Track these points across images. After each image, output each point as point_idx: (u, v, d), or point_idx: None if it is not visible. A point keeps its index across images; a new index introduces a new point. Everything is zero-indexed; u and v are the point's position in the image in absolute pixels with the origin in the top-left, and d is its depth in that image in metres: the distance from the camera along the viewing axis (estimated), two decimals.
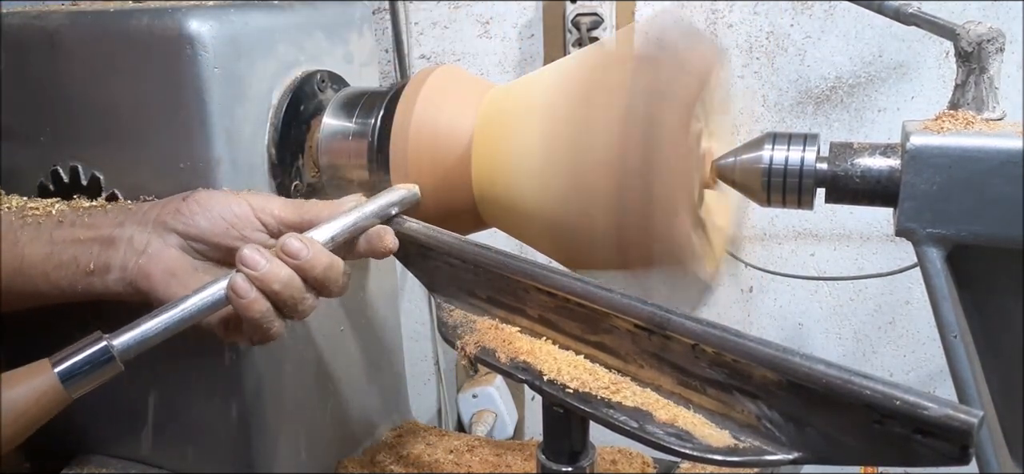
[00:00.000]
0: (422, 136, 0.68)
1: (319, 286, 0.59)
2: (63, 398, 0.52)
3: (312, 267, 0.58)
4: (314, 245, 0.58)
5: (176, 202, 0.63)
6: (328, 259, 0.59)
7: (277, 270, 0.57)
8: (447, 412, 1.67)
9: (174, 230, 0.61)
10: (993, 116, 0.59)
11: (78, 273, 0.62)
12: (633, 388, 0.52)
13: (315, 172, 0.76)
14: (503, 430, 1.50)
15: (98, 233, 0.62)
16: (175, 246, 0.61)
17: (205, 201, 0.62)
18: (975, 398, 0.57)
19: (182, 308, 0.55)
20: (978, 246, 0.56)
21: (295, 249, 0.57)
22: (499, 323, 0.60)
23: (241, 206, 0.62)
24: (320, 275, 0.58)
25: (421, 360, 1.66)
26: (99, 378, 0.53)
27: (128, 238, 0.61)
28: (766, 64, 1.33)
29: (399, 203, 0.66)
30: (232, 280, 0.56)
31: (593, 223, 0.60)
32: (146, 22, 0.67)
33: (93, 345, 0.52)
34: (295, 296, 0.58)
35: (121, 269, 0.61)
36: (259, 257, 0.56)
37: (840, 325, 1.42)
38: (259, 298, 0.56)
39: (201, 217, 0.61)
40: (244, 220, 0.62)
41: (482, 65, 1.47)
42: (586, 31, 1.30)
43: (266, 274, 0.56)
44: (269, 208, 0.63)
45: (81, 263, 0.62)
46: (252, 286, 0.56)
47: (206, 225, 0.61)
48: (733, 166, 0.62)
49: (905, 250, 1.16)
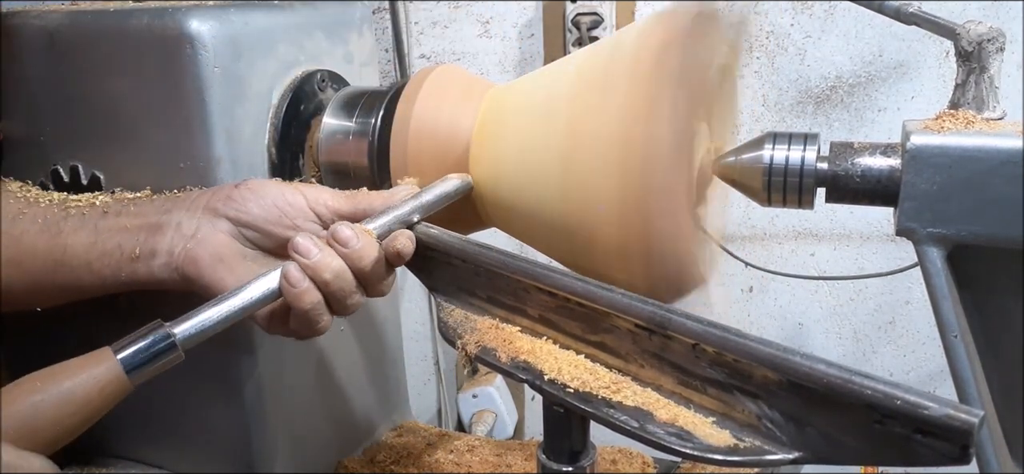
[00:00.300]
0: (422, 135, 0.68)
1: (366, 280, 0.59)
2: (126, 386, 0.51)
3: (360, 258, 0.57)
4: (365, 235, 0.58)
5: (227, 189, 0.62)
6: (378, 252, 0.58)
7: (329, 260, 0.56)
8: (447, 412, 1.67)
9: (225, 216, 0.60)
10: (993, 116, 0.59)
11: (123, 260, 0.61)
12: (634, 388, 0.52)
13: (315, 172, 0.76)
14: (503, 430, 1.50)
15: (144, 220, 0.62)
16: (225, 232, 0.60)
17: (258, 188, 0.61)
18: (975, 398, 0.57)
19: (241, 296, 0.55)
20: (978, 246, 0.56)
21: (346, 237, 0.57)
22: (499, 323, 0.60)
23: (295, 196, 0.61)
24: (368, 268, 0.58)
25: (421, 360, 1.66)
26: (161, 366, 0.52)
27: (176, 224, 0.61)
28: (766, 64, 1.33)
29: (453, 194, 0.64)
30: (285, 268, 0.56)
31: (593, 223, 0.60)
32: (146, 22, 0.67)
33: (154, 331, 0.52)
34: (345, 289, 0.57)
35: (168, 254, 0.60)
36: (312, 245, 0.56)
37: (840, 325, 1.42)
38: (311, 288, 0.56)
39: (254, 204, 0.60)
40: (297, 209, 0.61)
41: (482, 65, 1.47)
42: (586, 31, 1.30)
43: (318, 263, 0.56)
44: (322, 198, 0.62)
45: (126, 250, 0.61)
46: (305, 275, 0.56)
47: (259, 212, 0.60)
48: (733, 166, 0.62)
49: (905, 250, 1.16)
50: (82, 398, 0.49)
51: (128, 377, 0.51)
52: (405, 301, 1.60)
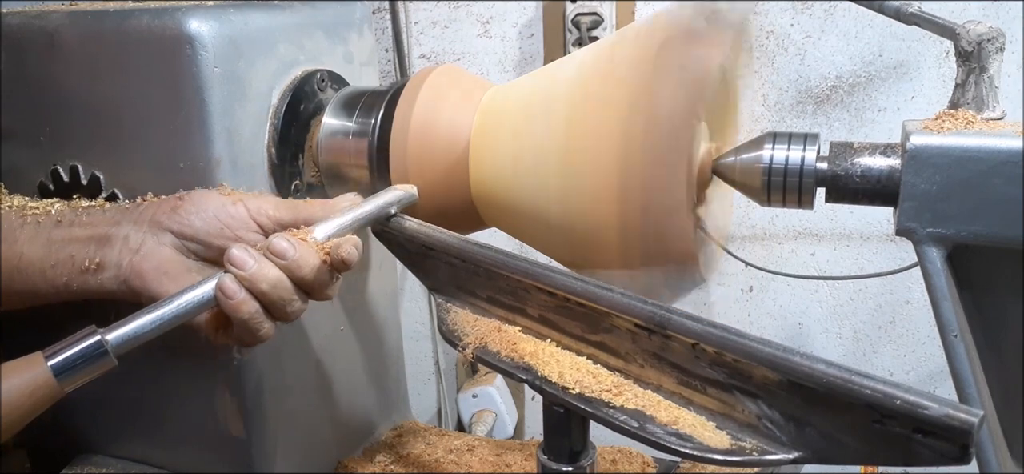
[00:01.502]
0: (422, 135, 0.68)
1: (308, 288, 0.59)
2: (56, 392, 0.51)
3: (299, 267, 0.57)
4: (302, 245, 0.58)
5: (172, 201, 0.63)
6: (317, 260, 0.58)
7: (266, 271, 0.56)
8: (447, 412, 1.67)
9: (169, 229, 0.61)
10: (993, 116, 0.59)
11: (74, 271, 0.62)
12: (635, 390, 0.52)
13: (315, 172, 0.76)
14: (503, 430, 1.50)
15: (95, 232, 0.63)
16: (169, 245, 0.61)
17: (200, 201, 0.62)
18: (975, 398, 0.57)
19: (175, 304, 0.55)
20: (978, 246, 0.56)
21: (281, 249, 0.57)
22: (501, 324, 0.60)
23: (237, 207, 0.62)
24: (309, 276, 0.58)
25: (421, 360, 1.66)
26: (92, 372, 0.52)
27: (124, 237, 0.62)
28: (766, 64, 1.33)
29: (395, 203, 0.65)
30: (220, 280, 0.56)
31: (593, 223, 0.60)
32: (146, 22, 0.67)
33: (86, 338, 0.52)
34: (284, 297, 0.57)
35: (115, 267, 0.61)
36: (247, 257, 0.56)
37: (840, 325, 1.42)
38: (248, 299, 0.56)
39: (195, 216, 0.61)
40: (239, 221, 0.62)
41: (482, 65, 1.47)
42: (586, 31, 1.30)
43: (254, 274, 0.56)
44: (264, 209, 0.62)
45: (77, 261, 0.62)
46: (240, 286, 0.56)
47: (200, 224, 0.61)
48: (733, 165, 0.62)
49: (905, 250, 1.15)
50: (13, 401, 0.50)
51: (58, 382, 0.51)
52: (405, 301, 1.60)
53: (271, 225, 0.62)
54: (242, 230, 0.62)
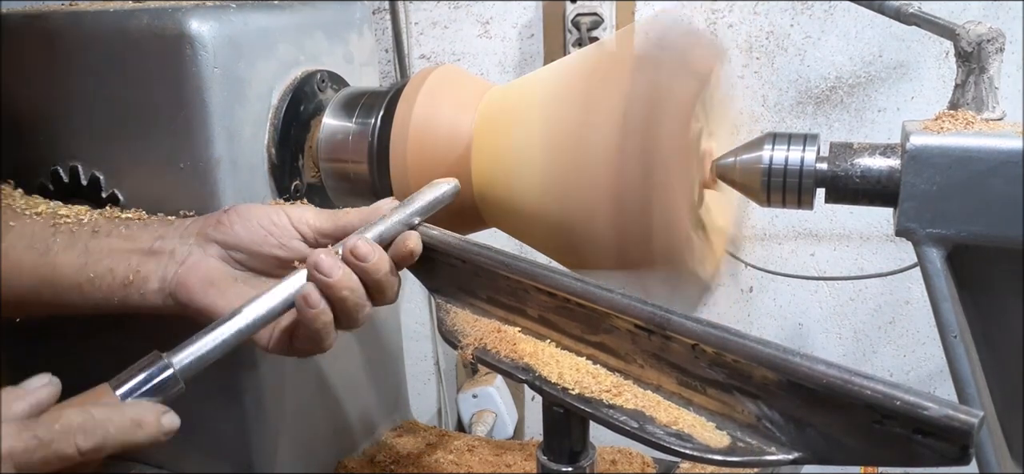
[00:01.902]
0: (422, 136, 0.68)
1: (379, 293, 0.59)
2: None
3: (377, 270, 0.58)
4: (379, 249, 0.58)
5: (217, 215, 0.63)
6: (390, 264, 0.59)
7: (349, 279, 0.57)
8: (447, 412, 1.67)
9: (214, 240, 0.61)
10: (993, 116, 0.59)
11: (115, 285, 0.61)
12: (635, 391, 0.52)
13: (315, 172, 0.76)
14: (503, 430, 1.50)
15: (137, 245, 0.62)
16: (215, 256, 0.61)
17: (244, 212, 0.62)
18: (975, 398, 0.57)
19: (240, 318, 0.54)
20: (978, 246, 0.56)
21: (364, 252, 0.57)
22: (501, 325, 0.60)
23: (279, 216, 0.62)
24: (383, 280, 0.58)
25: (421, 360, 1.66)
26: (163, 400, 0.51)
27: (170, 251, 0.61)
28: (766, 64, 1.33)
29: (442, 200, 0.64)
30: (305, 290, 0.56)
31: (593, 223, 0.60)
32: (146, 22, 0.67)
33: (153, 365, 0.51)
34: (359, 303, 0.58)
35: (161, 280, 0.61)
36: (334, 264, 0.56)
37: (840, 325, 1.42)
38: (327, 308, 0.57)
39: (240, 227, 0.61)
40: (282, 229, 0.62)
41: (482, 65, 1.47)
42: (586, 31, 1.30)
43: (338, 281, 0.56)
44: (305, 217, 0.63)
45: (118, 274, 0.61)
46: (322, 296, 0.56)
47: (244, 234, 0.61)
48: (733, 166, 0.62)
49: (905, 250, 1.15)
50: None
51: None
52: (405, 301, 1.60)
53: (311, 234, 0.62)
54: (285, 238, 0.62)
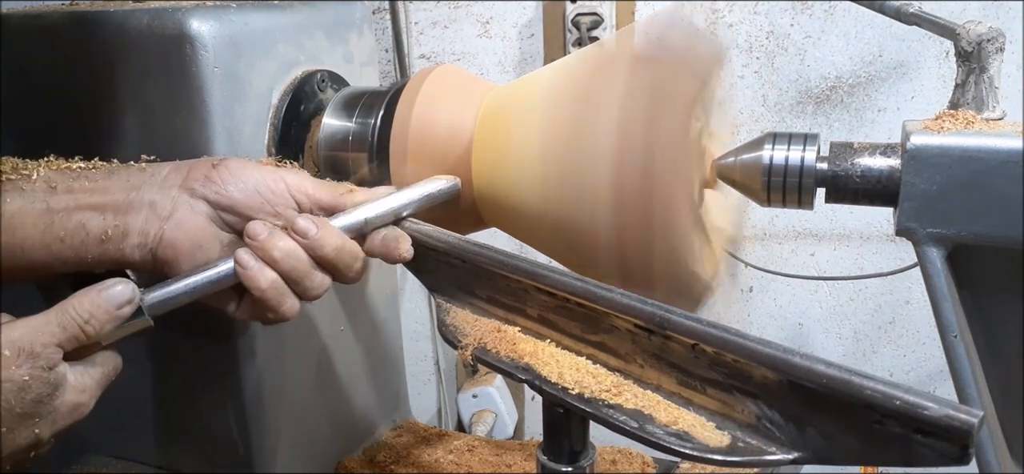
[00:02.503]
0: (421, 136, 0.68)
1: (330, 267, 0.59)
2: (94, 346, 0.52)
3: (321, 246, 0.57)
4: (325, 226, 0.58)
5: (204, 168, 0.59)
6: (338, 241, 0.58)
7: (276, 241, 0.56)
8: (447, 412, 1.67)
9: (204, 197, 0.58)
10: (993, 116, 0.59)
11: (89, 241, 0.57)
12: (635, 390, 0.52)
13: (315, 172, 0.75)
14: (503, 430, 1.50)
15: (109, 198, 0.58)
16: (203, 214, 0.58)
17: (238, 171, 0.59)
18: (975, 398, 0.57)
19: (207, 274, 0.56)
20: (978, 246, 0.56)
21: (302, 228, 0.57)
22: (501, 324, 0.60)
23: (277, 182, 0.60)
24: (330, 255, 0.58)
25: (421, 360, 1.66)
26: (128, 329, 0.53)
27: (149, 203, 0.58)
28: (766, 64, 1.33)
29: (437, 196, 0.64)
30: (236, 252, 0.57)
31: (593, 223, 0.60)
32: (146, 22, 0.67)
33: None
34: (299, 269, 0.57)
35: (141, 235, 0.57)
36: (260, 228, 0.57)
37: (840, 325, 1.42)
38: (261, 269, 0.56)
39: (234, 187, 0.59)
40: (279, 196, 0.60)
41: (482, 65, 1.47)
42: (586, 31, 1.30)
43: (265, 243, 0.56)
44: (303, 187, 0.61)
45: (91, 230, 0.57)
46: (254, 257, 0.56)
47: (240, 196, 0.59)
48: (733, 166, 0.62)
49: (905, 250, 1.15)
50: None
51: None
52: (405, 301, 1.60)
53: (309, 204, 0.61)
54: (281, 206, 0.60)
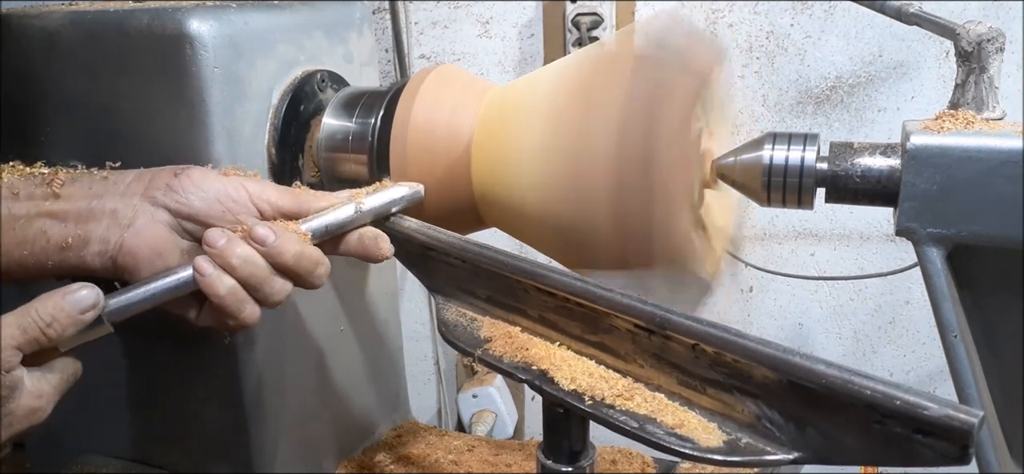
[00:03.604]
0: (421, 136, 0.68)
1: (290, 274, 0.58)
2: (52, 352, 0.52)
3: (280, 253, 0.57)
4: (283, 233, 0.58)
5: (166, 177, 0.60)
6: (297, 247, 0.58)
7: (235, 248, 0.56)
8: (447, 412, 1.67)
9: (165, 206, 0.59)
10: (993, 116, 0.59)
11: (49, 248, 0.58)
12: (645, 394, 0.52)
13: (315, 172, 0.76)
14: (503, 430, 1.50)
15: (70, 205, 0.58)
16: (164, 223, 0.59)
17: (200, 180, 0.60)
18: (975, 398, 0.57)
19: (168, 280, 0.56)
20: (978, 246, 0.56)
21: (261, 235, 0.57)
22: (510, 329, 0.59)
23: (238, 191, 0.60)
24: (289, 262, 0.58)
25: (421, 360, 1.66)
26: (88, 335, 0.53)
27: (111, 211, 0.58)
28: (766, 64, 1.33)
29: (398, 202, 0.65)
30: (195, 259, 0.56)
31: (593, 223, 0.60)
32: (146, 22, 0.67)
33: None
34: (257, 275, 0.57)
35: (102, 242, 0.58)
36: (219, 236, 0.57)
37: (840, 325, 1.42)
38: (219, 276, 0.56)
39: (195, 196, 0.59)
40: (240, 205, 0.60)
41: (482, 65, 1.47)
42: (586, 31, 1.30)
43: (223, 250, 0.56)
44: (265, 195, 0.61)
45: (53, 238, 0.57)
46: (212, 264, 0.56)
47: (201, 206, 0.59)
48: (733, 166, 0.62)
49: (905, 250, 1.15)
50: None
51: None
52: (405, 301, 1.60)
53: (272, 212, 0.61)
54: (243, 214, 0.60)
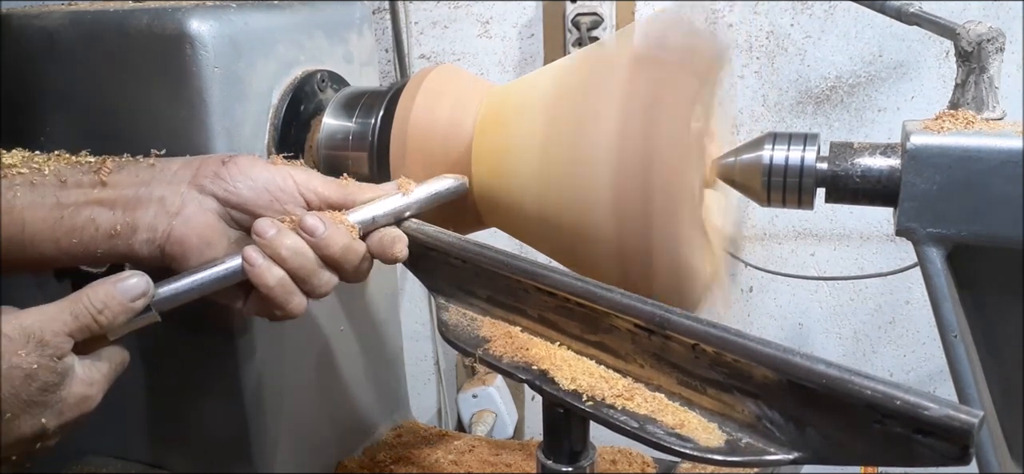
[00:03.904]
0: (421, 136, 0.68)
1: (336, 266, 0.59)
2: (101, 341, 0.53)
3: (327, 245, 0.58)
4: (332, 224, 0.58)
5: (214, 164, 0.60)
6: (346, 240, 0.58)
7: (284, 239, 0.57)
8: (447, 412, 1.67)
9: (213, 194, 0.59)
10: (993, 116, 0.59)
11: (98, 236, 0.58)
12: (645, 395, 0.52)
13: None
14: (503, 430, 1.50)
15: (118, 193, 0.58)
16: (212, 211, 0.59)
17: (248, 169, 0.59)
18: (975, 398, 0.57)
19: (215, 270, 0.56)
20: (978, 246, 0.56)
21: (310, 226, 0.57)
22: (510, 328, 0.59)
23: (285, 180, 0.60)
24: (337, 255, 0.58)
25: (421, 360, 1.66)
26: (137, 323, 0.53)
27: (159, 198, 0.58)
28: (766, 64, 1.33)
29: (445, 194, 0.65)
30: (244, 249, 0.57)
31: (593, 223, 0.60)
32: (146, 22, 0.67)
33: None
34: (306, 267, 0.57)
35: (150, 230, 0.58)
36: (268, 226, 0.57)
37: (840, 325, 1.42)
38: (269, 267, 0.56)
39: (243, 185, 0.59)
40: (288, 194, 0.60)
41: (482, 65, 1.47)
42: (586, 31, 1.30)
43: (272, 241, 0.56)
44: (312, 185, 0.61)
45: (101, 226, 0.58)
46: (262, 254, 0.56)
47: (249, 195, 0.59)
48: (733, 166, 0.62)
49: (905, 250, 1.15)
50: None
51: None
52: (405, 301, 1.60)
53: (318, 201, 0.61)
54: (290, 204, 0.60)
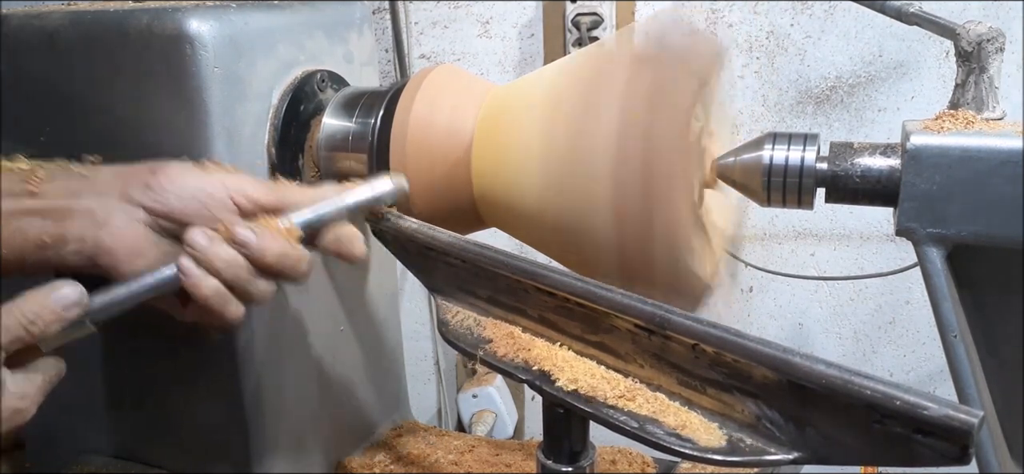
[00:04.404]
0: (421, 136, 0.68)
1: (273, 273, 0.58)
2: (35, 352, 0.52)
3: (262, 255, 0.57)
4: (265, 234, 0.57)
5: (143, 174, 0.59)
6: (281, 247, 0.57)
7: (218, 250, 0.56)
8: (447, 412, 1.67)
9: (141, 205, 0.58)
10: (993, 116, 0.59)
11: (28, 246, 0.57)
12: (646, 395, 0.52)
13: (315, 172, 0.76)
14: (503, 430, 1.50)
15: (49, 203, 0.58)
16: (141, 221, 0.58)
17: (177, 177, 0.59)
18: (975, 398, 0.57)
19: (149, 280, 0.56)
20: (978, 246, 0.56)
21: (243, 238, 0.56)
22: (511, 328, 0.59)
23: (215, 186, 0.59)
24: (272, 263, 0.57)
25: (421, 360, 1.66)
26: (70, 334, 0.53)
27: (87, 209, 0.57)
28: (766, 64, 1.33)
29: (382, 196, 0.63)
30: (179, 260, 0.56)
31: (593, 223, 0.60)
32: (146, 22, 0.67)
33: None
34: (241, 277, 0.57)
35: (79, 241, 0.57)
36: (202, 238, 0.56)
37: (840, 325, 1.42)
38: (204, 278, 0.56)
39: (172, 195, 0.58)
40: (218, 201, 0.59)
41: (482, 65, 1.47)
42: (586, 31, 1.30)
43: (206, 253, 0.55)
44: (244, 189, 0.60)
45: (30, 236, 0.57)
46: (196, 266, 0.56)
47: (177, 204, 0.58)
48: (733, 166, 0.62)
49: (905, 250, 1.15)
50: None
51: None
52: (405, 301, 1.60)
53: (251, 207, 0.59)
54: (221, 211, 0.58)
